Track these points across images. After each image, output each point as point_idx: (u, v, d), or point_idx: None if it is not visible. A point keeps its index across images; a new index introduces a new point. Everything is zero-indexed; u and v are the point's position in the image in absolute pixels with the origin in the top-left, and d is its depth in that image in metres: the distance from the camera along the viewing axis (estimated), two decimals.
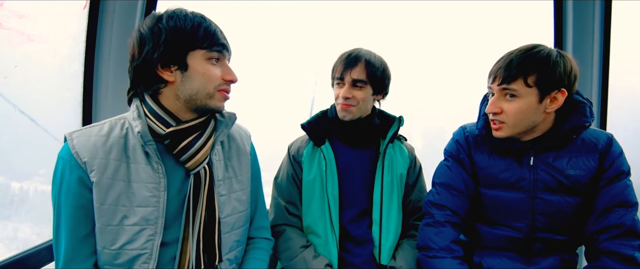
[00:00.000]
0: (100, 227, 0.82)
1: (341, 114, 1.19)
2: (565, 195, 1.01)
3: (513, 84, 0.95)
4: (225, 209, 0.95)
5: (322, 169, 1.19)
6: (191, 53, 0.84)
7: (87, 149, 0.81)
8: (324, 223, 1.18)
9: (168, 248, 0.87)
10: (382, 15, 1.98)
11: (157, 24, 0.82)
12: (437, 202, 1.11)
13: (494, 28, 1.86)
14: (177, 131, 0.85)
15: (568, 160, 1.00)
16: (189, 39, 0.82)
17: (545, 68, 0.93)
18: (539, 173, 1.02)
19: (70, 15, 1.36)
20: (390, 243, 1.17)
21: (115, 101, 1.45)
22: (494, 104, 0.99)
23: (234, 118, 0.96)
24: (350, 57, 1.17)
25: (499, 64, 0.99)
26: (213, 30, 0.85)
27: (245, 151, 1.04)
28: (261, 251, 1.07)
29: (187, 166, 0.87)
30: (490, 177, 1.07)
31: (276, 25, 2.13)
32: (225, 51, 0.89)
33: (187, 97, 0.85)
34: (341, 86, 1.18)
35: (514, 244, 1.06)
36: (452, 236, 1.07)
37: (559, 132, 0.99)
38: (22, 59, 1.18)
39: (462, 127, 1.18)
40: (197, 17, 0.84)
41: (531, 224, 1.03)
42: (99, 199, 0.81)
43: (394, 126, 1.23)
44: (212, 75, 0.86)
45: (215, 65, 0.87)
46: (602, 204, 0.98)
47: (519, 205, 1.03)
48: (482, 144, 1.10)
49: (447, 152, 1.18)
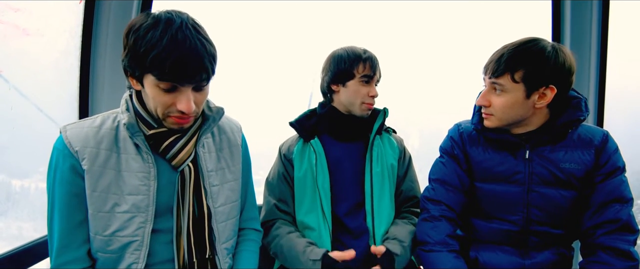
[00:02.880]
0: (93, 213, 0.84)
1: (366, 113, 1.22)
2: (560, 188, 1.01)
3: (500, 79, 0.97)
4: (219, 199, 0.97)
5: (312, 163, 1.21)
6: (145, 75, 0.78)
7: (79, 139, 0.84)
8: (317, 216, 1.19)
9: (160, 235, 0.90)
10: (379, 14, 1.98)
11: (128, 32, 0.78)
12: (432, 198, 1.13)
13: (491, 27, 1.86)
14: (158, 133, 0.87)
15: (564, 154, 1.01)
16: (141, 61, 0.76)
17: (534, 64, 0.93)
18: (535, 166, 1.02)
19: (66, 9, 1.35)
20: (382, 232, 1.19)
21: (111, 95, 1.44)
22: (483, 97, 1.02)
23: (222, 113, 0.96)
24: (372, 56, 1.20)
25: (492, 57, 1.00)
26: (162, 60, 0.73)
27: (237, 142, 1.05)
28: (251, 242, 1.09)
29: (172, 163, 0.89)
30: (485, 171, 1.08)
31: (275, 25, 2.12)
32: (185, 83, 0.78)
33: (148, 108, 0.86)
34: (367, 84, 1.19)
35: (510, 238, 1.06)
36: (448, 230, 1.08)
37: (554, 127, 1.00)
38: (17, 53, 1.18)
39: (457, 125, 1.19)
40: (154, 40, 0.73)
41: (526, 217, 1.03)
42: (91, 186, 0.84)
43: (379, 118, 1.25)
44: (159, 101, 0.80)
45: (167, 94, 0.79)
46: (598, 200, 0.98)
47: (514, 198, 1.04)
48: (478, 139, 1.11)
49: (442, 149, 1.19)
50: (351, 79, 1.19)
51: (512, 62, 0.95)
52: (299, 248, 1.12)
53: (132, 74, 0.82)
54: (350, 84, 1.19)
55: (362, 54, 1.19)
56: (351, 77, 1.18)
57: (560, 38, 1.53)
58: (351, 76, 1.18)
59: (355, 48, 1.21)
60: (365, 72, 1.17)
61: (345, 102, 1.22)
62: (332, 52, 1.24)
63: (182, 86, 0.78)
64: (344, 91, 1.21)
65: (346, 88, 1.20)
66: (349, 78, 1.19)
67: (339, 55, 1.21)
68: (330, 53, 1.24)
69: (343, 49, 1.22)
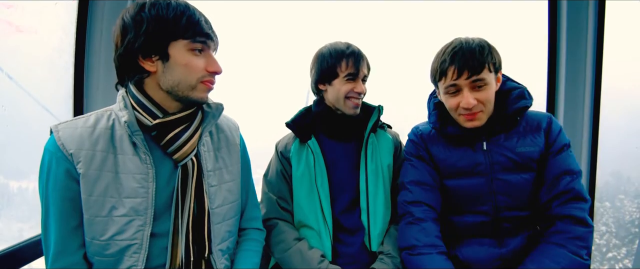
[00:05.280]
0: (89, 218, 0.81)
1: (353, 111, 1.20)
2: (520, 172, 1.06)
3: (482, 73, 1.00)
4: (216, 200, 0.95)
5: (311, 164, 1.21)
6: (173, 43, 0.81)
7: (74, 140, 0.80)
8: (316, 216, 1.20)
9: (158, 238, 0.87)
10: (378, 14, 1.98)
11: (139, 12, 0.80)
12: (412, 200, 1.12)
13: (489, 27, 1.86)
14: (164, 122, 0.84)
15: (516, 140, 1.07)
16: (171, 28, 0.80)
17: (492, 51, 1.02)
18: (494, 155, 1.07)
19: (60, 6, 1.33)
20: (378, 229, 1.19)
21: (106, 93, 1.43)
22: (468, 98, 1.01)
23: (221, 108, 0.95)
24: (355, 52, 1.17)
25: (456, 60, 1.00)
26: (196, 19, 0.82)
27: (235, 142, 1.04)
28: (254, 242, 1.08)
29: (174, 157, 0.87)
30: (449, 168, 1.11)
31: (274, 24, 2.11)
32: (210, 41, 0.85)
33: (169, 88, 0.84)
34: (352, 81, 1.17)
35: (484, 229, 1.09)
36: (435, 231, 1.08)
37: (505, 116, 1.06)
38: (10, 50, 1.16)
39: (414, 127, 1.24)
40: (181, 6, 0.81)
41: (495, 206, 1.07)
42: (87, 190, 0.80)
43: (374, 116, 1.25)
44: (194, 66, 0.83)
45: (198, 56, 0.85)
46: (551, 174, 1.04)
47: (480, 189, 1.07)
48: (437, 138, 1.15)
49: (407, 153, 1.20)
50: (336, 78, 1.18)
51: (482, 54, 1.00)
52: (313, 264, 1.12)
53: (151, 53, 0.81)
54: (336, 83, 1.18)
55: (345, 50, 1.17)
56: (335, 76, 1.18)
57: (557, 38, 1.53)
58: (335, 74, 1.17)
59: (338, 45, 1.19)
60: (349, 71, 1.16)
61: (333, 100, 1.21)
62: (317, 51, 1.23)
63: (213, 43, 0.87)
64: (330, 89, 1.20)
65: (332, 87, 1.19)
66: (333, 77, 1.18)
67: (322, 55, 1.20)
68: (316, 51, 1.24)
69: (326, 47, 1.21)
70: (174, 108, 0.87)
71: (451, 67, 1.01)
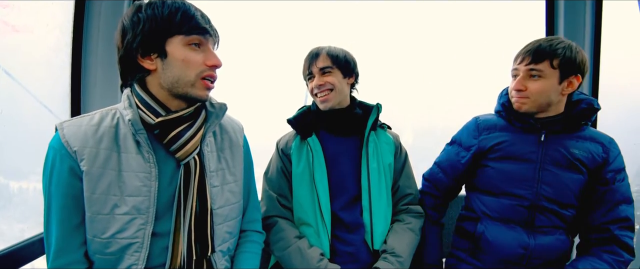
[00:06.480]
0: (91, 216, 0.82)
1: (322, 106, 1.22)
2: (570, 171, 1.10)
3: (540, 65, 1.07)
4: (218, 201, 0.95)
5: (310, 161, 1.22)
6: (170, 39, 0.82)
7: (78, 138, 0.81)
8: (314, 213, 1.20)
9: (160, 238, 0.87)
10: (375, 14, 1.97)
11: (136, 13, 0.82)
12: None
13: (486, 26, 1.86)
14: (167, 121, 0.85)
15: (575, 142, 1.12)
16: (167, 25, 0.81)
17: (569, 54, 1.06)
18: (548, 148, 1.12)
19: (56, 5, 1.32)
20: (381, 228, 1.20)
21: (103, 92, 1.42)
22: (520, 82, 1.10)
23: (225, 108, 0.96)
24: (311, 52, 1.24)
25: (527, 47, 1.10)
26: (192, 14, 0.83)
27: (238, 143, 1.04)
28: (254, 244, 1.08)
29: (177, 156, 0.87)
30: (500, 151, 1.17)
31: (273, 24, 2.11)
32: (208, 36, 0.86)
33: (169, 85, 0.85)
34: (312, 80, 1.22)
35: (519, 214, 1.13)
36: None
37: (570, 116, 1.12)
38: (6, 50, 1.16)
39: (475, 118, 1.30)
40: (177, 3, 0.83)
41: (537, 192, 1.11)
42: (90, 188, 0.81)
43: (373, 114, 1.27)
44: (192, 61, 0.84)
45: (196, 51, 0.85)
46: (613, 199, 1.09)
47: (525, 173, 1.12)
48: (495, 126, 1.22)
49: (453, 138, 1.32)
50: (313, 79, 1.23)
51: (551, 50, 1.06)
52: (312, 263, 1.14)
53: (149, 51, 0.82)
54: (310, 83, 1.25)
55: (309, 53, 1.24)
56: (312, 77, 1.23)
57: None
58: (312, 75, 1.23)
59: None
60: (309, 69, 1.23)
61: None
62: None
63: (212, 37, 0.87)
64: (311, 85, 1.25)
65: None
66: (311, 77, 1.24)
67: None
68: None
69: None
70: (176, 106, 0.88)
71: (520, 53, 1.11)
